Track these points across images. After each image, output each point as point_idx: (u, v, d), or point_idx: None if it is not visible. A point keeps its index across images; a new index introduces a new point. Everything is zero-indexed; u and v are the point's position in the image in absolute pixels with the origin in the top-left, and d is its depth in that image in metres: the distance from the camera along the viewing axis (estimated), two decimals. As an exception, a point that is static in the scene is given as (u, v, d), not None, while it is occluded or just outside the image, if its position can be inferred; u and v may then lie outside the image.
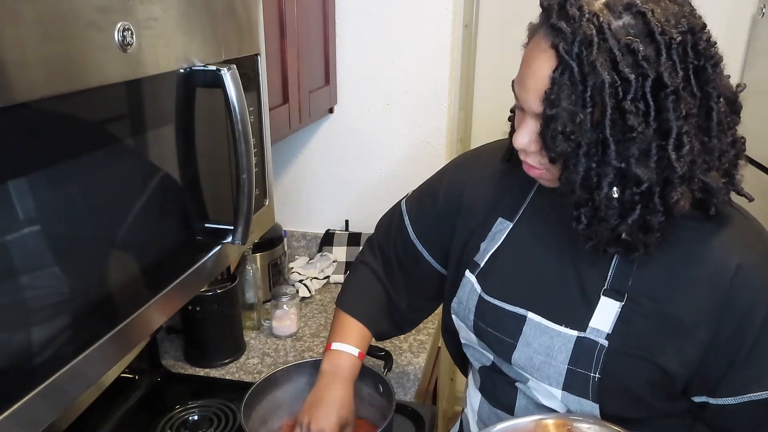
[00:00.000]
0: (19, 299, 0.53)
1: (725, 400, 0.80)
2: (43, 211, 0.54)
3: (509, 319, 0.89)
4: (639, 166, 0.70)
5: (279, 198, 1.96)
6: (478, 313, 0.93)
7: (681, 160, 0.70)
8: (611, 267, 0.83)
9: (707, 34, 0.71)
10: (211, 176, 0.82)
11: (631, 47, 0.67)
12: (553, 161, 0.74)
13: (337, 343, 1.07)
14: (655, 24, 0.67)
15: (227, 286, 1.42)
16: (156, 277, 0.72)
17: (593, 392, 0.82)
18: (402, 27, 1.71)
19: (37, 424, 0.55)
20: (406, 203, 1.11)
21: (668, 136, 0.69)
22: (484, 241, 0.95)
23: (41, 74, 0.51)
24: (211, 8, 0.77)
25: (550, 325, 0.85)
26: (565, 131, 0.70)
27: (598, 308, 0.82)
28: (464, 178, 1.02)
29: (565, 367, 0.84)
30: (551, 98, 0.70)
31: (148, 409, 1.29)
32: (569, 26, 0.68)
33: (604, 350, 0.81)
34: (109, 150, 0.62)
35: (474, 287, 0.94)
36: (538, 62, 0.72)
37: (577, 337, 0.83)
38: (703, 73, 0.71)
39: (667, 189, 0.72)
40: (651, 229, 0.74)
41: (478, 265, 0.94)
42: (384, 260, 1.13)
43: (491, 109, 2.32)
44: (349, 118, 1.83)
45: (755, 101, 0.77)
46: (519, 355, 0.88)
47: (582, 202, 0.74)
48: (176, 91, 0.72)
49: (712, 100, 0.72)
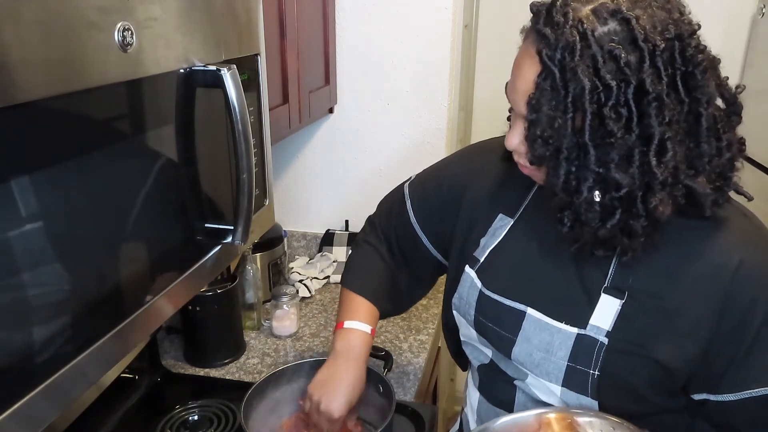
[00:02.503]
0: (19, 299, 0.53)
1: (725, 397, 0.80)
2: (43, 211, 0.54)
3: (509, 315, 0.90)
4: (618, 171, 0.71)
5: (279, 198, 1.96)
6: (479, 308, 0.94)
7: (662, 165, 0.71)
8: (612, 265, 0.83)
9: (696, 39, 0.72)
10: (211, 176, 0.82)
11: (614, 53, 0.68)
12: (534, 164, 0.76)
13: (349, 321, 1.06)
14: (639, 31, 0.68)
15: (227, 286, 1.42)
16: (156, 277, 0.72)
17: (592, 389, 0.83)
18: (402, 27, 1.71)
19: (38, 424, 0.55)
20: (409, 187, 1.11)
21: (650, 142, 0.70)
22: (484, 236, 0.96)
23: (42, 74, 0.51)
24: (211, 8, 0.77)
25: (550, 321, 0.86)
26: (544, 135, 0.72)
27: (599, 306, 0.83)
28: (469, 171, 1.03)
29: (564, 363, 0.84)
30: (533, 103, 0.71)
31: (148, 409, 1.29)
32: (553, 32, 0.69)
33: (604, 348, 0.81)
34: (109, 150, 0.63)
35: (474, 282, 0.94)
36: (526, 66, 0.73)
37: (578, 335, 0.83)
38: (692, 79, 0.71)
39: (648, 194, 0.72)
40: (634, 233, 0.75)
41: (477, 260, 0.95)
42: (386, 240, 1.14)
43: (491, 109, 2.33)
44: (349, 118, 1.83)
45: (755, 101, 0.77)
46: (519, 351, 0.88)
47: (564, 205, 0.76)
48: (176, 91, 0.72)
49: (701, 106, 0.72)
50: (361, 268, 1.14)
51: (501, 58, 2.27)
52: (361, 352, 1.05)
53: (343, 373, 1.02)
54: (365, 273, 1.13)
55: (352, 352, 1.04)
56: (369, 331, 1.06)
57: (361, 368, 1.04)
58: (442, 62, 1.73)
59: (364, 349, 1.05)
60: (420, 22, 1.70)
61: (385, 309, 1.13)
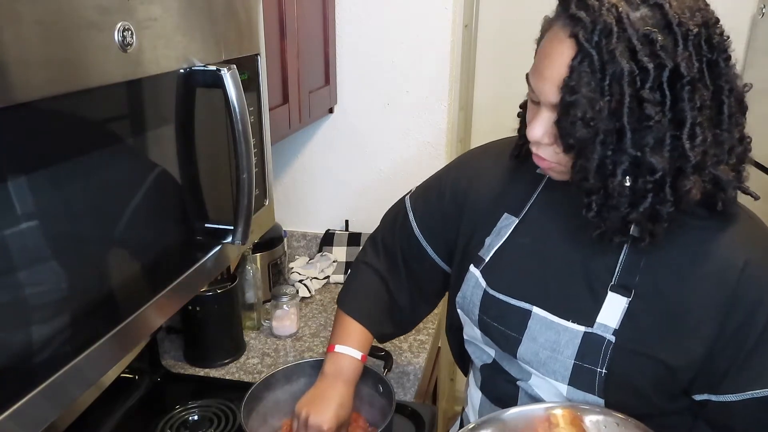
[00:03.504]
0: (19, 299, 0.53)
1: (727, 397, 0.80)
2: (43, 211, 0.54)
3: (514, 314, 0.89)
4: (653, 155, 0.71)
5: (279, 198, 1.96)
6: (483, 307, 0.93)
7: (694, 149, 0.71)
8: (618, 263, 0.83)
9: (720, 28, 0.73)
10: (211, 176, 0.82)
11: (650, 37, 0.68)
12: (570, 150, 0.75)
13: (340, 346, 1.07)
14: (672, 15, 0.69)
15: (227, 286, 1.42)
16: (156, 277, 0.72)
17: (599, 387, 0.83)
18: (402, 27, 1.71)
19: (38, 424, 0.55)
20: (410, 199, 1.11)
21: (683, 126, 0.70)
22: (489, 236, 0.95)
23: (41, 74, 0.51)
24: (211, 8, 0.77)
25: (556, 320, 0.86)
26: (585, 117, 0.71)
27: (606, 304, 0.83)
28: (470, 174, 1.03)
29: (571, 362, 0.84)
30: (571, 85, 0.71)
31: (148, 409, 1.29)
32: (589, 15, 0.70)
33: (612, 346, 0.81)
34: (109, 150, 0.63)
35: (479, 282, 0.94)
36: (557, 52, 0.73)
37: (585, 333, 0.83)
38: (716, 67, 0.72)
39: (680, 178, 0.73)
40: (660, 218, 0.75)
41: (482, 260, 0.95)
42: (388, 257, 1.13)
43: (491, 110, 2.32)
44: (349, 118, 1.83)
45: (755, 101, 0.78)
46: (524, 350, 0.88)
47: (594, 189, 0.75)
48: (176, 91, 0.72)
49: (723, 94, 0.73)
50: (358, 291, 1.14)
51: (501, 58, 2.29)
52: (349, 376, 1.06)
53: (331, 392, 1.03)
54: (363, 296, 1.13)
55: (341, 375, 1.05)
56: (359, 357, 1.07)
57: (350, 390, 1.05)
58: (442, 62, 1.73)
59: (354, 373, 1.06)
60: (420, 22, 1.70)
61: (383, 332, 1.14)
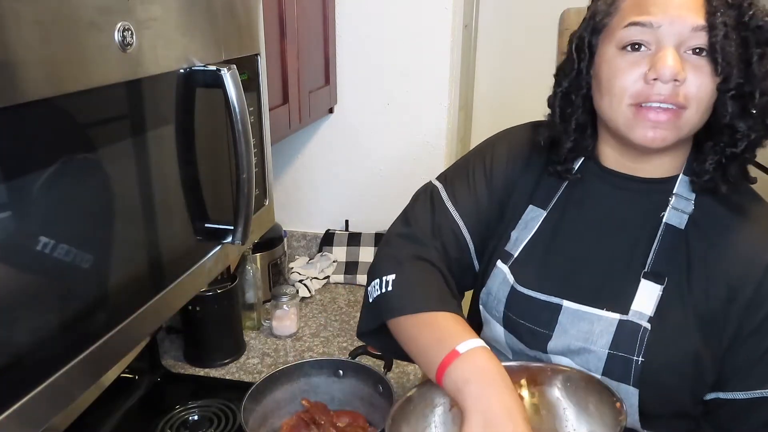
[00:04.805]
0: (19, 299, 0.53)
1: (735, 395, 0.80)
2: (42, 211, 0.54)
3: (543, 310, 0.87)
4: None
5: (279, 198, 1.96)
6: (509, 304, 0.90)
7: None
8: (652, 251, 0.83)
9: None
10: (211, 176, 0.82)
11: None
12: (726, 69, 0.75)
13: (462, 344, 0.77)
14: None
15: (227, 286, 1.42)
16: (156, 277, 0.72)
17: (635, 377, 0.81)
18: (402, 27, 1.71)
19: (38, 424, 0.55)
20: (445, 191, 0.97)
21: None
22: (515, 229, 0.92)
23: (41, 74, 0.51)
24: (211, 8, 0.77)
25: (589, 310, 0.84)
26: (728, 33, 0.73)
27: (639, 291, 0.82)
28: (520, 167, 0.95)
29: (605, 352, 0.82)
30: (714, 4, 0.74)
31: (148, 409, 1.29)
32: None
33: (647, 333, 0.80)
34: (109, 150, 0.62)
35: (506, 278, 0.90)
36: None
37: (620, 321, 0.82)
38: None
39: None
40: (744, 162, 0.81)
41: (510, 255, 0.91)
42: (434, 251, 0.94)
43: (491, 109, 2.32)
44: (349, 118, 1.83)
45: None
46: (555, 344, 0.86)
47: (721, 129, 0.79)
48: (176, 91, 0.72)
49: None
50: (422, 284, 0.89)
51: (501, 58, 2.28)
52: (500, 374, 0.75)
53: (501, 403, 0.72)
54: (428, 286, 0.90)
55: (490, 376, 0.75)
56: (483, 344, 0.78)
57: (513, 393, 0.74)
58: (442, 62, 1.73)
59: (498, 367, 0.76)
60: (420, 22, 1.70)
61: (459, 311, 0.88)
